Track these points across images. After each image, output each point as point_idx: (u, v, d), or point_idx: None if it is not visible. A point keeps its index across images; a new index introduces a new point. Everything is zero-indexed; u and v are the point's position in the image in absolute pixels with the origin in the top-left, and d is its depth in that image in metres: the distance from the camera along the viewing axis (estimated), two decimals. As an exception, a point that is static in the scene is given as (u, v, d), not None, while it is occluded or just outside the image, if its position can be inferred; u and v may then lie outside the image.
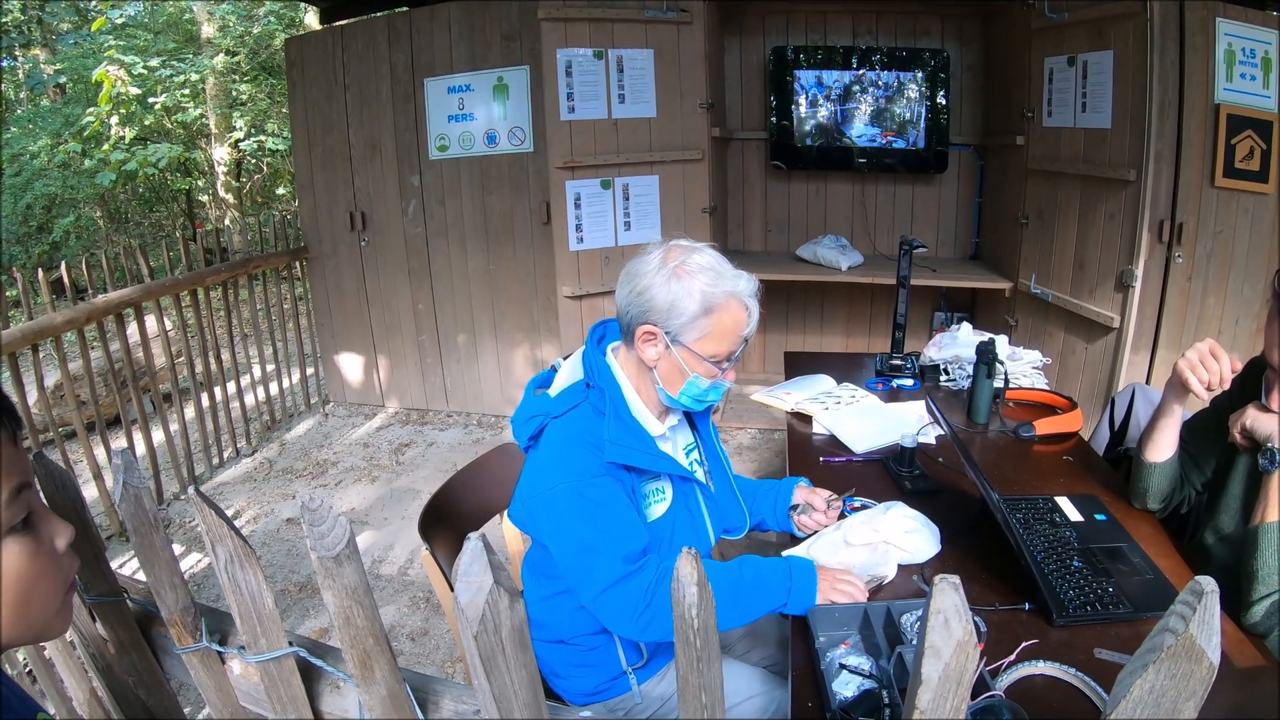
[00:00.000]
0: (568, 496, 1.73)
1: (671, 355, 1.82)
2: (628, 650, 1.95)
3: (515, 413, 1.94)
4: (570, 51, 4.43)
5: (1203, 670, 0.72)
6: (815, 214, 5.84)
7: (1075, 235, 4.36)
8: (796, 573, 1.81)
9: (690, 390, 1.86)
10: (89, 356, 4.31)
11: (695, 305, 1.76)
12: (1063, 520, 2.13)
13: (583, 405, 1.83)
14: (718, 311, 1.78)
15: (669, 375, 1.85)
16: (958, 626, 0.71)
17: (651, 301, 1.78)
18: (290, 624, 3.59)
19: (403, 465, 5.18)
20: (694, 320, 1.77)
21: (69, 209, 11.20)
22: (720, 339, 1.80)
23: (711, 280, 1.77)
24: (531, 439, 1.87)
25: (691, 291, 1.76)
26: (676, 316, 1.77)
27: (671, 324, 1.78)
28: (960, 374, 3.26)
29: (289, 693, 1.24)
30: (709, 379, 1.84)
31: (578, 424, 1.80)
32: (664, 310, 1.77)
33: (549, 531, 1.79)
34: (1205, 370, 1.90)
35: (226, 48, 11.18)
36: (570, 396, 1.85)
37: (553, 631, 1.98)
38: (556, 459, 1.78)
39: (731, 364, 1.88)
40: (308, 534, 0.97)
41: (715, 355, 1.81)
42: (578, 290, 4.76)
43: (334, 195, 5.69)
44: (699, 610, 0.80)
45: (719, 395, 1.93)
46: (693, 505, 1.99)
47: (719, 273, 1.79)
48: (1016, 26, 4.70)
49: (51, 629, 0.88)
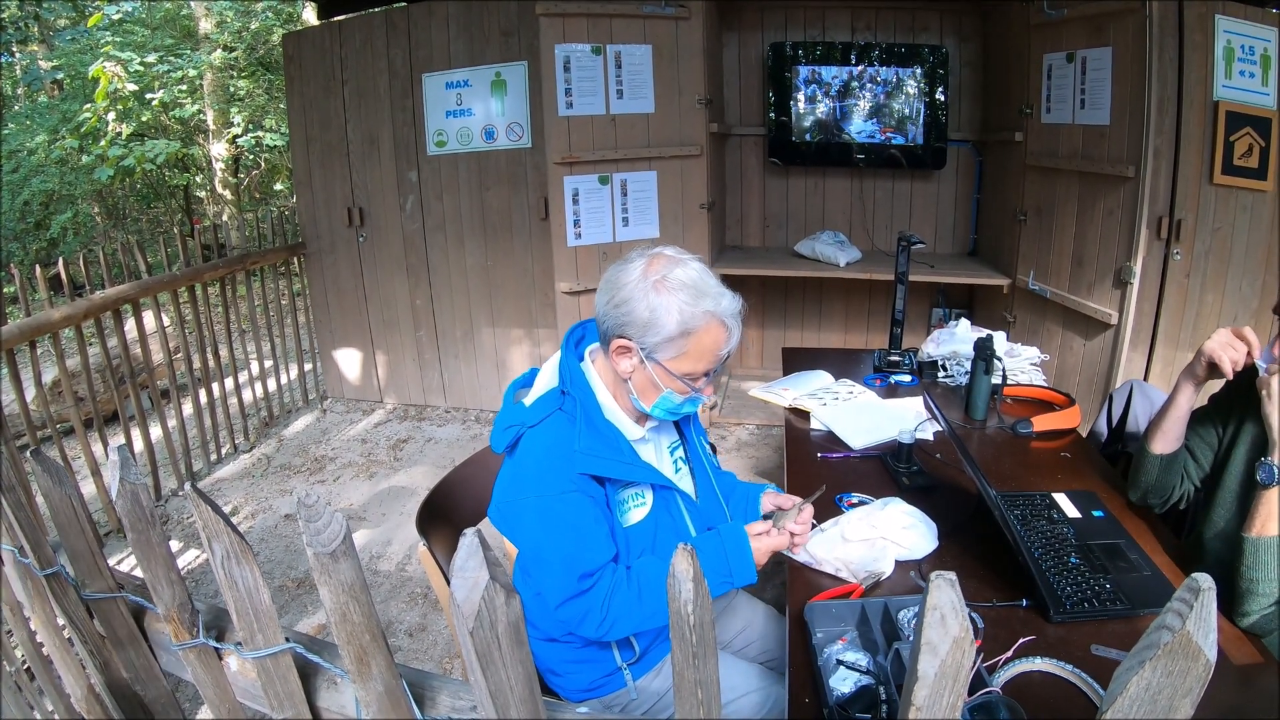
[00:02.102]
0: (535, 511, 1.74)
1: (645, 370, 1.80)
2: (621, 647, 1.95)
3: (496, 420, 1.92)
4: (568, 47, 4.43)
5: (1199, 668, 0.72)
6: (814, 210, 5.85)
7: (1073, 232, 4.36)
8: (730, 546, 1.85)
9: (664, 404, 1.85)
10: (87, 353, 4.30)
11: (673, 325, 1.73)
12: (1060, 517, 2.14)
13: (556, 415, 1.81)
14: (697, 334, 1.75)
15: (643, 388, 1.84)
16: (954, 623, 0.71)
17: (630, 315, 1.75)
18: (289, 620, 3.59)
19: (400, 461, 5.18)
20: (670, 340, 1.74)
21: (67, 205, 11.17)
22: (697, 359, 1.78)
23: (691, 298, 1.74)
24: (508, 448, 1.86)
25: (670, 309, 1.73)
26: (653, 334, 1.74)
27: (648, 340, 1.75)
28: (958, 370, 3.27)
29: (286, 689, 1.24)
30: (683, 396, 1.84)
31: (551, 434, 1.78)
32: (641, 325, 1.74)
33: (518, 540, 1.83)
34: (1235, 350, 1.92)
35: (224, 43, 11.14)
36: (544, 405, 1.82)
37: (545, 630, 1.99)
38: (529, 471, 1.78)
39: (709, 381, 1.86)
40: (304, 530, 0.97)
41: (690, 374, 1.80)
42: (575, 286, 4.75)
43: (332, 191, 5.68)
44: (695, 606, 0.80)
45: (694, 408, 1.93)
46: (674, 509, 1.98)
47: (701, 290, 1.75)
48: (1015, 23, 4.70)
49: None
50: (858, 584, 1.89)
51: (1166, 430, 2.09)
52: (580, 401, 1.82)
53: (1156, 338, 4.10)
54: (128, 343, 4.52)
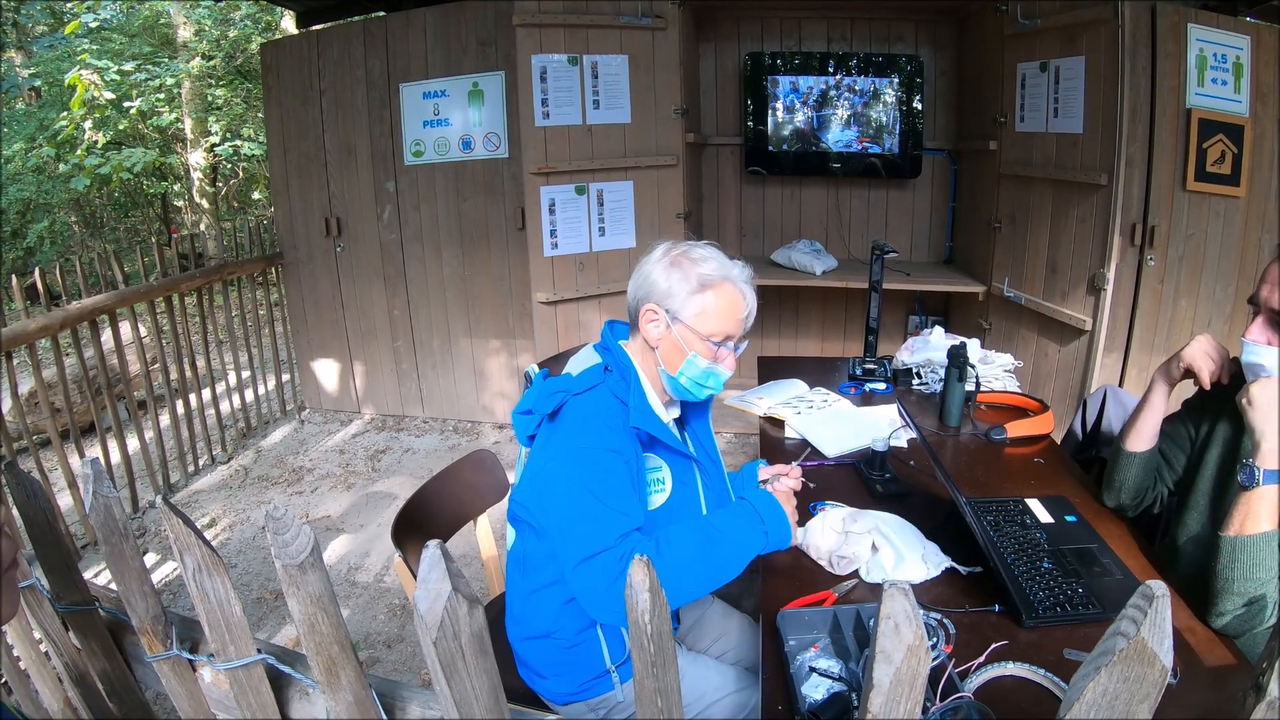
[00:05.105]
0: (583, 459, 1.77)
1: (671, 334, 1.91)
2: (612, 646, 1.96)
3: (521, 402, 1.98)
4: (545, 57, 4.44)
5: (1155, 673, 0.73)
6: (790, 219, 5.87)
7: (1047, 239, 4.40)
8: (764, 509, 1.87)
9: (689, 370, 1.92)
10: (63, 363, 4.28)
11: (692, 284, 1.88)
12: (1033, 522, 2.15)
13: (601, 387, 1.90)
14: (713, 289, 1.89)
15: (669, 354, 1.93)
16: (908, 631, 0.72)
17: (653, 285, 1.91)
18: (266, 632, 3.58)
19: (379, 472, 5.16)
20: (690, 296, 1.88)
21: (43, 214, 11.09)
22: (719, 318, 1.90)
23: (706, 265, 1.90)
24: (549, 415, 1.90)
25: (688, 274, 1.88)
26: (674, 295, 1.89)
27: (671, 302, 1.89)
28: (933, 377, 3.29)
29: (258, 700, 1.24)
30: (707, 359, 1.91)
31: (598, 403, 1.87)
32: (663, 291, 1.89)
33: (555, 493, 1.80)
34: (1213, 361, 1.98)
35: (202, 52, 11.11)
36: (590, 377, 1.91)
37: (537, 627, 1.99)
38: (575, 428, 1.84)
39: (731, 350, 1.96)
40: (271, 542, 0.98)
41: (713, 334, 1.90)
42: (552, 296, 4.75)
43: (309, 201, 5.67)
44: (652, 616, 0.81)
45: (719, 383, 1.98)
46: (690, 490, 2.05)
47: (715, 260, 1.92)
48: (989, 32, 4.75)
49: None
50: (829, 591, 1.90)
51: (1141, 428, 2.12)
52: (628, 376, 1.93)
53: (1131, 343, 4.14)
54: (105, 353, 4.49)
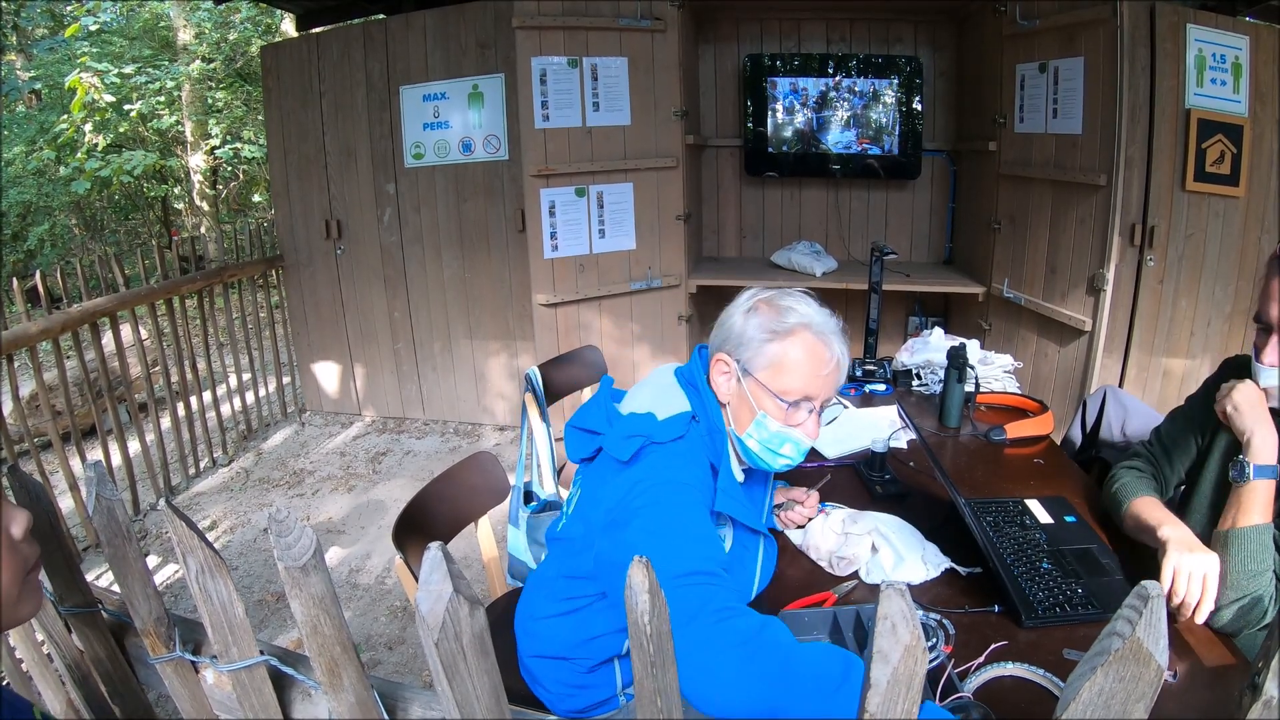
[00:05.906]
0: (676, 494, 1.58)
1: (741, 389, 1.73)
2: (626, 674, 1.92)
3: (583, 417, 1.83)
4: (545, 60, 4.44)
5: (1151, 673, 0.73)
6: (790, 220, 5.87)
7: (1047, 240, 4.40)
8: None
9: (758, 432, 1.74)
10: (64, 366, 4.28)
11: (763, 333, 1.69)
12: (1032, 523, 2.15)
13: (687, 438, 1.70)
14: (790, 338, 1.69)
15: (739, 412, 1.76)
16: (905, 631, 0.73)
17: (729, 331, 1.75)
18: (268, 634, 3.58)
19: (379, 474, 5.17)
20: (764, 345, 1.69)
21: (44, 217, 11.10)
22: (795, 372, 1.69)
23: (786, 311, 1.71)
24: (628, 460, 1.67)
25: (765, 320, 1.71)
26: (747, 344, 1.71)
27: (743, 352, 1.72)
28: (932, 378, 3.29)
29: (261, 701, 1.24)
30: (779, 420, 1.72)
31: (683, 458, 1.67)
32: (737, 337, 1.73)
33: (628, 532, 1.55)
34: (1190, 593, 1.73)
35: (202, 54, 11.11)
36: (676, 426, 1.69)
37: (552, 649, 1.92)
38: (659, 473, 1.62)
39: (810, 412, 1.75)
40: (274, 544, 0.98)
41: (786, 391, 1.70)
42: (553, 298, 4.75)
43: (309, 203, 5.68)
44: (651, 616, 0.81)
45: (798, 450, 1.78)
46: (749, 559, 1.87)
47: (799, 307, 1.73)
48: (988, 33, 4.74)
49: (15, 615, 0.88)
50: (829, 592, 1.90)
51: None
52: (713, 436, 1.76)
53: (1130, 344, 4.14)
54: (105, 356, 4.50)
